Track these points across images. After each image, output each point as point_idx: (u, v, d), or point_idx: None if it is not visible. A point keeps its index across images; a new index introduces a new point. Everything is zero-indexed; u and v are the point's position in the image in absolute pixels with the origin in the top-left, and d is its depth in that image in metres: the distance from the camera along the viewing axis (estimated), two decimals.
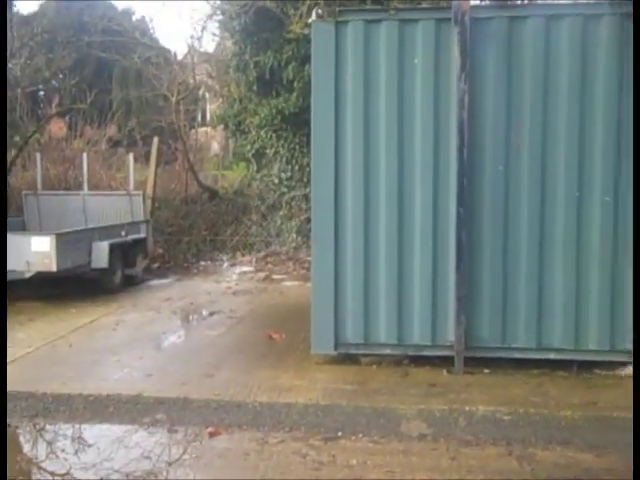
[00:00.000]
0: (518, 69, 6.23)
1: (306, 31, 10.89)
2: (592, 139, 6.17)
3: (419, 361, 6.52)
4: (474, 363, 6.36)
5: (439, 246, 6.42)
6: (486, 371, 6.35)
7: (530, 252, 6.32)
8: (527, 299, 6.34)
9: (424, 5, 9.68)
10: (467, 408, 5.51)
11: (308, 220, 9.65)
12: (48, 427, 5.55)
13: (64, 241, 9.50)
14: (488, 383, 6.10)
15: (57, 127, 18.19)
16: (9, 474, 4.67)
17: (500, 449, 4.99)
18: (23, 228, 12.12)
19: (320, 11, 6.44)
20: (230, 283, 11.51)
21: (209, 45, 25.87)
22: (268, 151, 13.74)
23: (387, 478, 4.55)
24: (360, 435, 5.23)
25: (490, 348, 6.41)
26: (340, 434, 5.25)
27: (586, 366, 6.30)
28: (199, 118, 21.11)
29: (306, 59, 10.94)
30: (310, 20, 6.65)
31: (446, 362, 6.39)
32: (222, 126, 16.62)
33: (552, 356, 6.34)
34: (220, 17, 15.62)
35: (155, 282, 11.81)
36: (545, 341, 6.34)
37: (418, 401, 5.68)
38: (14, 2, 15.24)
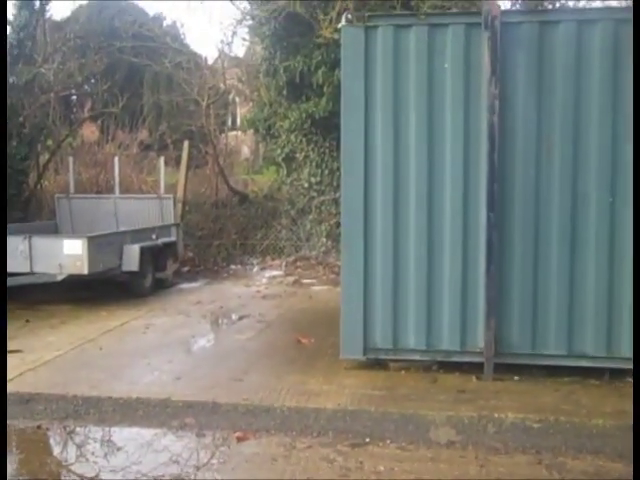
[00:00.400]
0: (549, 74, 6.18)
1: (336, 36, 10.88)
2: (624, 143, 6.07)
3: (448, 367, 6.48)
4: (504, 369, 6.31)
5: (469, 251, 6.37)
6: (516, 378, 6.29)
7: (561, 257, 6.25)
8: (558, 305, 6.27)
9: (454, 10, 9.63)
10: (496, 415, 5.46)
11: (338, 224, 9.65)
12: (78, 429, 5.58)
13: (96, 244, 9.59)
14: (518, 390, 6.04)
15: (89, 131, 18.39)
16: (39, 475, 4.73)
17: (529, 457, 4.94)
18: (56, 231, 12.26)
19: (350, 16, 6.44)
20: (260, 287, 11.54)
21: (239, 50, 26.00)
22: (298, 155, 13.74)
23: None
24: (388, 441, 5.20)
25: (520, 354, 6.35)
26: (368, 440, 5.22)
27: (618, 374, 6.19)
28: (229, 122, 21.18)
29: (336, 64, 10.95)
30: (340, 25, 6.64)
31: (475, 368, 6.34)
32: (252, 130, 16.67)
33: (584, 363, 6.25)
34: (250, 22, 15.67)
35: (185, 285, 11.87)
36: (576, 348, 6.26)
37: (447, 407, 5.64)
38: (47, 7, 15.34)
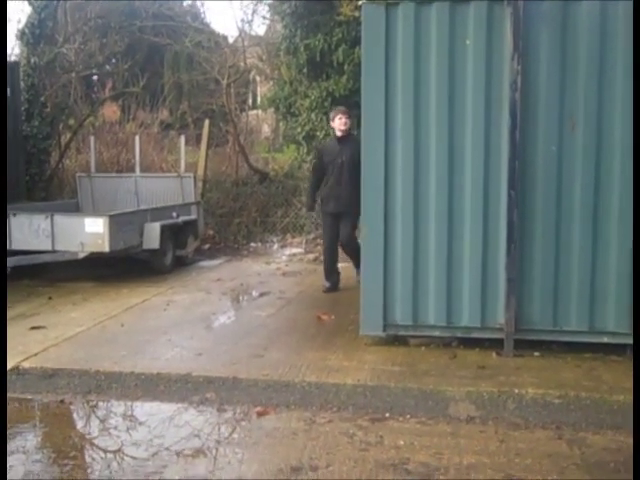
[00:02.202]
0: (572, 50, 6.09)
1: (356, 13, 10.84)
2: None
3: (468, 343, 6.48)
4: (524, 346, 6.29)
5: (489, 228, 6.35)
6: (536, 354, 6.27)
7: (583, 234, 6.21)
8: (579, 281, 6.24)
9: None
10: (516, 391, 5.46)
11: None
12: (100, 404, 5.65)
13: (117, 222, 9.63)
14: (538, 366, 6.02)
15: (111, 111, 18.47)
16: (63, 448, 4.79)
17: (549, 433, 4.93)
18: (77, 210, 12.32)
19: None
20: (280, 264, 11.55)
21: (259, 28, 25.95)
22: (318, 133, 13.68)
23: (434, 460, 4.52)
24: (408, 416, 5.22)
25: (541, 331, 6.33)
26: (388, 415, 5.24)
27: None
28: (250, 101, 21.16)
29: (356, 41, 10.90)
30: (360, 2, 6.60)
31: (495, 344, 6.33)
32: (272, 109, 16.63)
33: (605, 340, 6.23)
34: (270, 1, 15.64)
35: (205, 263, 11.91)
36: (598, 324, 6.23)
37: (467, 383, 5.64)
38: None
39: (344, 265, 9.49)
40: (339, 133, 8.97)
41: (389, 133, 6.40)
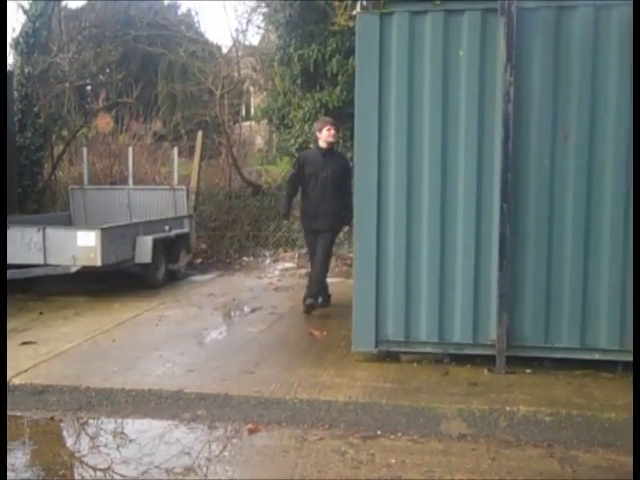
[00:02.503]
0: (566, 60, 6.09)
1: (351, 23, 10.84)
2: None
3: (460, 360, 6.47)
4: (516, 362, 6.29)
5: (482, 243, 6.34)
6: (528, 371, 6.27)
7: (575, 250, 6.21)
8: (571, 298, 6.23)
9: None
10: (508, 408, 5.44)
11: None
12: (91, 421, 5.61)
13: (109, 236, 9.60)
14: (530, 383, 6.02)
15: (104, 122, 18.46)
16: (52, 466, 4.76)
17: (541, 450, 4.92)
18: (69, 223, 12.30)
19: (365, 2, 6.37)
20: (272, 279, 11.54)
21: (254, 38, 25.98)
22: (312, 146, 13.72)
23: (426, 478, 4.51)
24: (399, 434, 5.20)
25: (532, 347, 6.32)
26: (379, 432, 5.22)
27: (631, 367, 6.16)
28: (243, 112, 21.19)
29: (351, 52, 10.91)
30: (355, 12, 6.61)
31: (487, 361, 6.32)
32: (266, 120, 16.66)
33: (597, 356, 6.22)
34: (265, 10, 15.66)
35: (198, 277, 11.89)
36: (590, 341, 6.22)
37: (458, 400, 5.62)
38: None
39: (336, 280, 9.48)
40: (324, 145, 8.54)
41: (382, 144, 6.39)
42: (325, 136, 8.49)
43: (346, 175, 8.31)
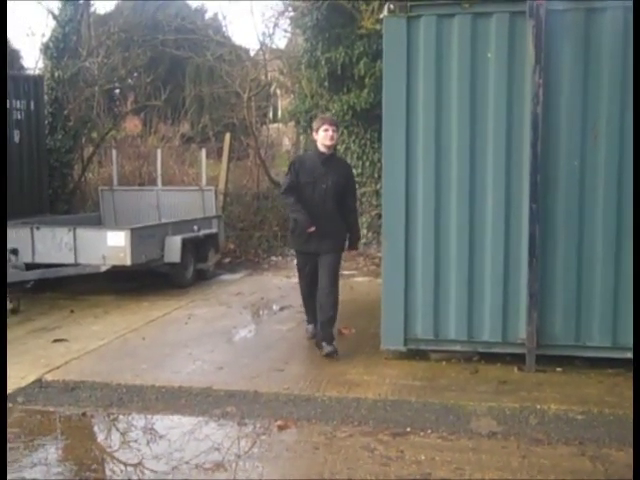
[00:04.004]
0: (595, 62, 6.07)
1: (378, 27, 10.84)
2: None
3: (489, 358, 6.45)
4: (546, 361, 6.26)
5: (511, 242, 6.32)
6: (558, 369, 6.24)
7: (606, 249, 6.17)
8: (602, 296, 6.20)
9: None
10: (538, 406, 5.43)
11: (379, 216, 9.64)
12: (121, 417, 5.65)
13: (138, 236, 9.68)
14: (560, 382, 5.99)
15: (132, 124, 18.60)
16: (84, 461, 4.80)
17: (572, 449, 4.87)
18: (99, 223, 12.41)
19: (392, 6, 6.38)
20: None
21: (281, 42, 26.03)
22: (339, 147, 13.71)
23: (456, 475, 4.48)
24: (429, 431, 5.17)
25: (563, 346, 6.29)
26: (409, 430, 5.20)
27: None
28: (270, 114, 21.25)
29: (378, 55, 10.89)
30: (382, 15, 6.61)
31: (517, 359, 6.30)
32: (293, 122, 16.70)
33: (629, 356, 6.13)
34: (292, 14, 15.70)
35: (226, 277, 11.93)
36: (621, 340, 6.17)
37: (488, 398, 5.62)
38: (91, 2, 15.56)
39: (364, 280, 9.45)
40: (323, 149, 6.84)
41: (410, 146, 6.40)
42: (321, 139, 6.81)
43: (349, 187, 7.09)
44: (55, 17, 14.02)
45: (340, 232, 6.97)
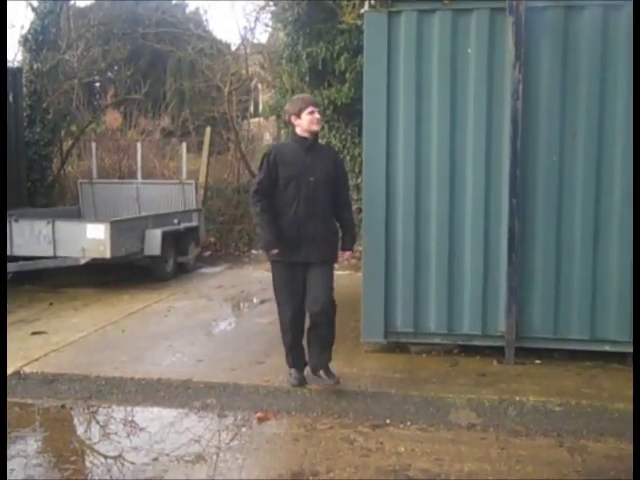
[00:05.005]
0: (574, 59, 6.12)
1: (359, 22, 10.82)
2: None
3: (469, 351, 6.49)
4: (525, 353, 6.31)
5: (491, 235, 6.36)
6: (537, 362, 6.29)
7: (584, 242, 6.22)
8: (581, 289, 6.25)
9: None
10: (517, 398, 5.47)
11: (359, 210, 9.62)
12: (101, 409, 5.64)
13: (118, 229, 9.65)
14: (539, 374, 6.04)
15: (112, 117, 18.51)
16: (63, 453, 4.78)
17: (551, 440, 4.93)
18: (79, 216, 12.36)
19: (373, 1, 6.39)
20: None
21: (262, 36, 25.95)
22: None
23: (435, 466, 4.51)
24: (408, 423, 5.20)
25: (542, 339, 6.34)
26: (388, 421, 5.23)
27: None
28: (251, 109, 21.19)
29: (359, 50, 10.89)
30: (363, 11, 6.62)
31: (496, 352, 6.34)
32: (274, 117, 16.66)
33: (607, 348, 6.24)
34: (273, 8, 15.66)
35: (207, 270, 11.93)
36: (599, 332, 6.24)
37: (468, 390, 5.65)
38: None
39: (344, 273, 9.42)
40: (307, 135, 5.62)
41: (390, 140, 6.42)
42: (307, 123, 5.58)
43: (341, 177, 5.86)
44: (34, 9, 13.91)
45: (334, 235, 5.81)
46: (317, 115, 5.63)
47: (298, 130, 5.65)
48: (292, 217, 5.54)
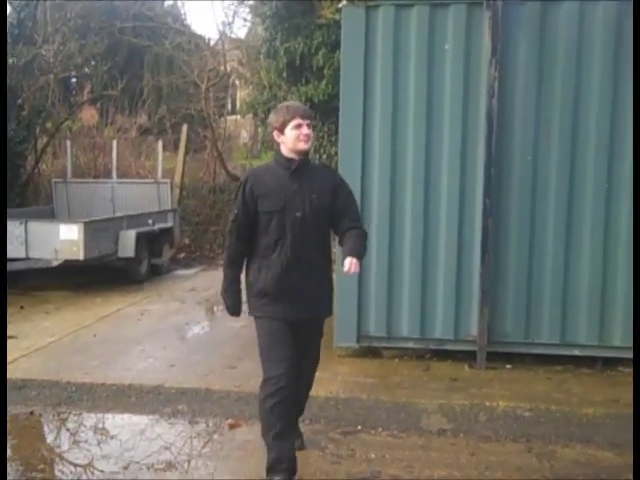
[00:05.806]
0: (550, 55, 6.13)
1: (337, 16, 10.80)
2: (624, 129, 6.03)
3: (441, 355, 6.51)
4: (496, 358, 6.33)
5: (464, 238, 6.37)
6: (508, 366, 6.32)
7: (556, 246, 6.25)
8: (552, 294, 6.28)
9: None
10: (488, 403, 5.49)
11: None
12: (71, 416, 5.58)
13: (92, 230, 9.58)
14: (510, 379, 6.07)
15: (89, 114, 18.33)
16: (31, 461, 4.73)
17: (520, 446, 4.94)
18: (52, 216, 12.26)
19: None
20: None
21: (240, 31, 25.86)
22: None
23: (405, 473, 4.51)
24: (380, 429, 5.20)
25: (513, 343, 6.37)
26: (360, 427, 5.22)
27: (611, 363, 6.24)
28: (229, 106, 21.12)
29: (337, 45, 10.82)
30: (341, 4, 6.59)
31: (468, 357, 6.37)
32: (251, 114, 16.61)
33: (576, 352, 6.27)
34: (251, 2, 15.62)
35: (181, 272, 11.89)
36: (569, 337, 6.27)
37: (439, 395, 5.66)
38: None
39: None
40: (294, 155, 4.24)
41: (367, 138, 6.41)
42: (292, 140, 4.21)
43: (344, 207, 4.38)
44: (10, 2, 13.73)
45: (328, 286, 4.63)
46: (305, 130, 4.21)
47: (283, 149, 4.29)
48: (274, 261, 4.26)
